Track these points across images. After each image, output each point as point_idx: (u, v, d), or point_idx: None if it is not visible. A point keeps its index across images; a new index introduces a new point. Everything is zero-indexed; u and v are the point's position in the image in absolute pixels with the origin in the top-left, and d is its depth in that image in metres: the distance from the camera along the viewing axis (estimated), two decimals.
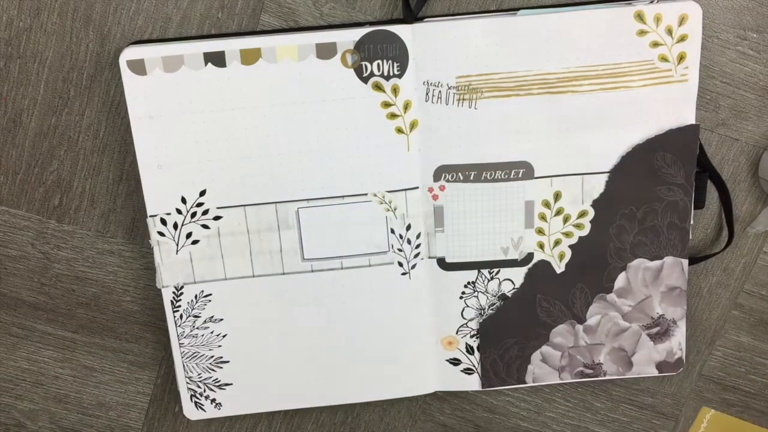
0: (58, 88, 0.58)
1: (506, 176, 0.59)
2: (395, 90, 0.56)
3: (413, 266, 0.60)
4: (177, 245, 0.59)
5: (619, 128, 0.57)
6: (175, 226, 0.58)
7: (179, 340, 0.61)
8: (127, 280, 0.63)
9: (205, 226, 0.58)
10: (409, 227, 0.59)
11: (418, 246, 0.60)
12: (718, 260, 0.64)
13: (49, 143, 0.59)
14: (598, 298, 0.62)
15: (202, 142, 0.56)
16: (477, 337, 0.63)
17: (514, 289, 0.62)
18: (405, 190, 0.58)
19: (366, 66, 0.55)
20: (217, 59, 0.55)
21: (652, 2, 0.55)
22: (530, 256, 0.61)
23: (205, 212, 0.58)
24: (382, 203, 0.59)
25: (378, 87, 0.56)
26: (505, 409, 0.67)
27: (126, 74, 0.55)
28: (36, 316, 0.63)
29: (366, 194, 0.58)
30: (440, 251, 0.60)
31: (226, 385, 0.63)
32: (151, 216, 0.58)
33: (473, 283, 0.61)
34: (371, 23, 0.57)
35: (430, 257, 0.61)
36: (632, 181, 0.59)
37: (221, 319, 0.61)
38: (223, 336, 0.61)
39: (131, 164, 0.60)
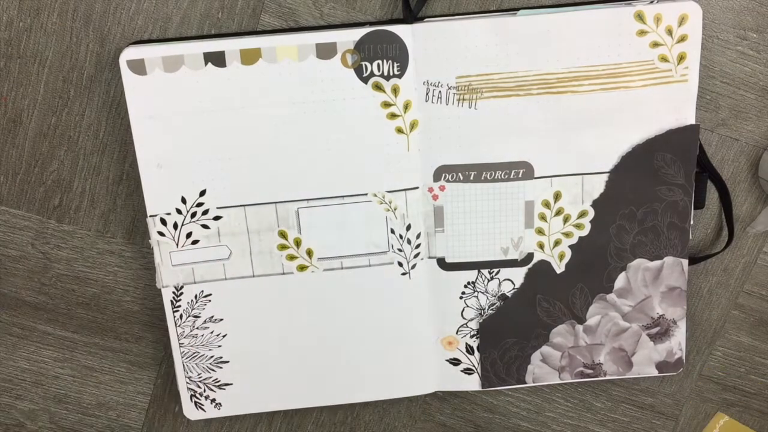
0: (58, 88, 0.58)
1: (506, 176, 0.59)
2: (395, 90, 0.56)
3: (413, 266, 0.60)
4: (177, 245, 0.59)
5: (619, 128, 0.57)
6: (175, 226, 0.58)
7: (179, 340, 0.61)
8: (127, 280, 0.63)
9: (205, 226, 0.58)
10: (409, 227, 0.59)
11: (418, 246, 0.60)
12: (718, 260, 0.64)
13: (49, 143, 0.59)
14: (598, 298, 0.62)
15: (202, 142, 0.56)
16: (477, 337, 0.63)
17: (514, 289, 0.62)
18: (405, 190, 0.59)
19: (366, 66, 0.55)
20: (217, 59, 0.55)
21: (652, 2, 0.55)
22: (530, 256, 0.61)
23: (205, 212, 0.58)
24: (382, 203, 0.59)
25: (378, 87, 0.56)
26: (505, 409, 0.67)
27: (126, 74, 0.55)
28: (36, 316, 0.63)
29: (366, 194, 0.58)
30: (440, 251, 0.60)
31: (226, 385, 0.63)
32: (151, 216, 0.58)
33: (473, 283, 0.61)
34: (371, 23, 0.57)
35: (430, 257, 0.61)
36: (632, 181, 0.59)
37: (221, 319, 0.61)
38: (223, 336, 0.61)
39: (131, 164, 0.60)
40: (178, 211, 0.58)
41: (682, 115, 0.58)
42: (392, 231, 0.59)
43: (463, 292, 0.62)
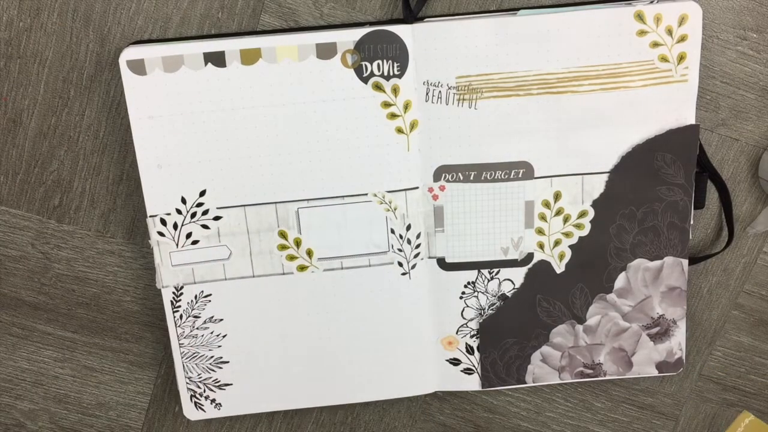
0: (58, 88, 0.58)
1: (506, 176, 0.59)
2: (395, 90, 0.56)
3: (413, 266, 0.60)
4: (177, 245, 0.59)
5: (619, 128, 0.57)
6: (175, 226, 0.58)
7: (179, 340, 0.61)
8: (127, 280, 0.63)
9: (205, 227, 0.58)
10: (409, 227, 0.59)
11: (418, 246, 0.60)
12: (718, 260, 0.64)
13: (49, 143, 0.59)
14: (598, 298, 0.62)
15: (201, 142, 0.56)
16: (477, 337, 0.63)
17: (514, 289, 0.62)
18: (405, 190, 0.58)
19: (366, 66, 0.55)
20: (217, 59, 0.55)
21: (652, 2, 0.55)
22: (530, 256, 0.61)
23: (205, 212, 0.58)
24: (382, 203, 0.58)
25: (378, 87, 0.56)
26: (505, 409, 0.67)
27: (126, 74, 0.55)
28: (36, 316, 0.63)
29: (366, 194, 0.58)
30: (440, 251, 0.60)
31: (226, 385, 0.63)
32: (151, 216, 0.58)
33: (473, 283, 0.61)
34: (371, 23, 0.57)
35: (430, 257, 0.61)
36: (632, 181, 0.59)
37: (221, 320, 0.61)
38: (223, 336, 0.61)
39: (131, 164, 0.60)
40: (178, 212, 0.58)
41: (682, 115, 0.58)
42: (392, 231, 0.59)
43: (463, 292, 0.62)
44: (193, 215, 0.58)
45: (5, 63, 0.57)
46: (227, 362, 0.62)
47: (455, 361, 0.63)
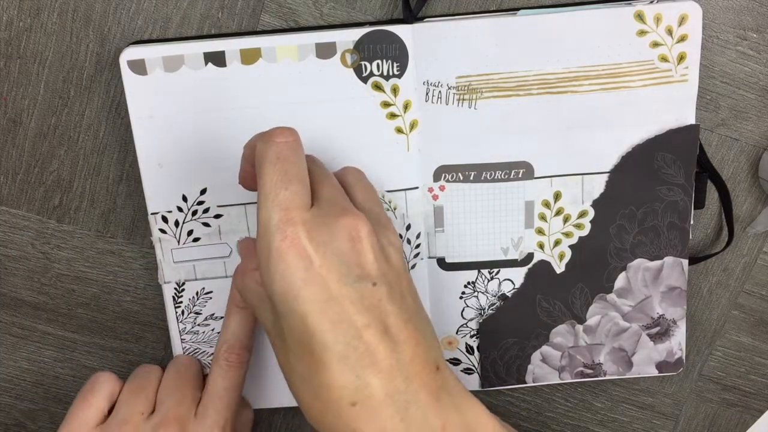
0: (58, 88, 0.58)
1: (506, 176, 0.59)
2: (395, 90, 0.56)
3: (413, 266, 0.60)
4: (178, 242, 0.59)
5: (619, 128, 0.58)
6: (177, 223, 0.58)
7: (180, 335, 0.61)
8: (127, 280, 0.63)
9: (206, 224, 0.58)
10: (409, 227, 0.59)
11: (418, 246, 0.60)
12: (718, 260, 0.64)
13: (49, 143, 0.59)
14: (598, 298, 0.62)
15: (202, 141, 0.56)
16: (477, 337, 0.63)
17: (514, 289, 0.62)
18: (405, 190, 0.59)
19: (365, 66, 0.55)
20: (217, 59, 0.55)
21: (652, 2, 0.55)
22: (530, 256, 0.61)
23: (206, 210, 0.58)
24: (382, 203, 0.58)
25: (378, 87, 0.56)
26: (505, 409, 0.67)
27: (126, 74, 0.55)
28: (36, 316, 0.63)
29: None
30: (440, 251, 0.60)
31: None
32: (152, 213, 0.58)
33: (473, 283, 0.61)
34: (371, 23, 0.57)
35: (429, 257, 0.61)
36: (632, 181, 0.59)
37: (222, 317, 0.61)
38: None
39: (131, 164, 0.60)
40: (179, 209, 0.58)
41: (682, 115, 0.58)
42: None
43: (463, 292, 0.62)
44: (194, 213, 0.58)
45: (5, 63, 0.57)
46: None
47: (455, 361, 0.63)
